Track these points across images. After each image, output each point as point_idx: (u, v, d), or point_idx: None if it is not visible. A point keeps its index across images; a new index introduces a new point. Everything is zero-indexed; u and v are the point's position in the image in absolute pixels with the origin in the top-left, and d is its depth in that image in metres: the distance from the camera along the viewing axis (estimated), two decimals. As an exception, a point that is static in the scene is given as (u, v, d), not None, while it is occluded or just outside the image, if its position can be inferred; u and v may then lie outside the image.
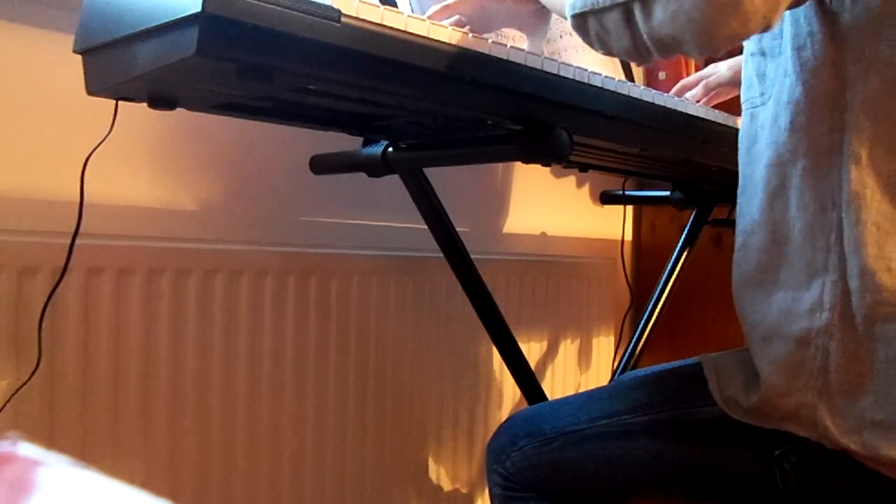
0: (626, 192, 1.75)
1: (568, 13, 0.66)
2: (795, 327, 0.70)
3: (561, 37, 1.15)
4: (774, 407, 0.72)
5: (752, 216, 0.75)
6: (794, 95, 0.69)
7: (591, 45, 0.67)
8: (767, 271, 0.73)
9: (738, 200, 0.79)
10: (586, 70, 0.87)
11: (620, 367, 1.54)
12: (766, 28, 0.59)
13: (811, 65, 0.68)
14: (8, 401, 0.92)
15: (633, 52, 0.64)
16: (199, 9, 0.58)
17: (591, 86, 0.87)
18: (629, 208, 1.91)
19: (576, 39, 1.05)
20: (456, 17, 0.93)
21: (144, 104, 0.82)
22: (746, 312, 0.77)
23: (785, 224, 0.71)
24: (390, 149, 1.04)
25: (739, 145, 0.80)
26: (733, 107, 1.18)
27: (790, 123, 0.70)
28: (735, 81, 1.17)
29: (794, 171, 0.70)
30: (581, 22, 0.65)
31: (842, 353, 0.67)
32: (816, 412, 0.69)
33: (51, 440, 0.96)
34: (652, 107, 0.95)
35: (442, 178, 1.18)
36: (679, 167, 1.28)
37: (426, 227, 1.12)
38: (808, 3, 0.67)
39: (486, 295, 1.11)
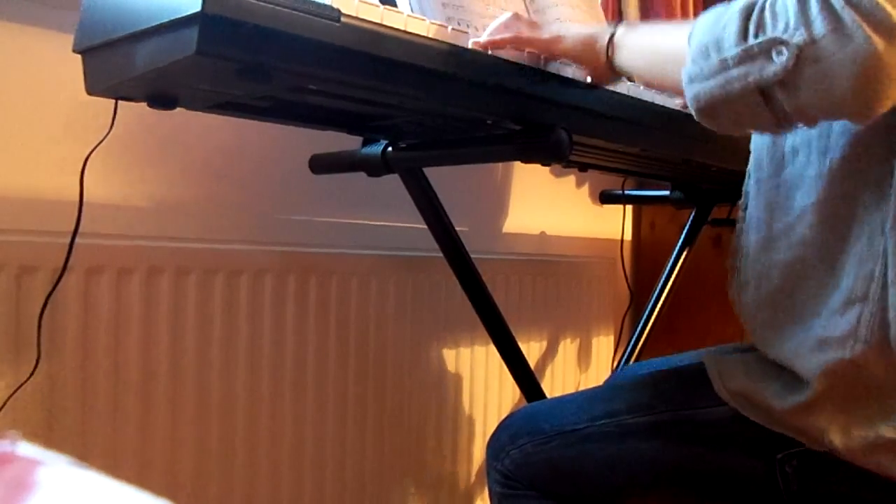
0: (626, 192, 1.75)
1: (692, 107, 0.64)
2: (828, 356, 0.68)
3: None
4: (788, 421, 0.72)
5: (788, 240, 0.72)
6: (847, 126, 0.67)
7: (719, 129, 0.65)
8: (804, 297, 0.71)
9: (758, 226, 0.76)
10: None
11: (620, 367, 1.53)
12: None
13: None
14: (7, 400, 0.92)
15: (775, 127, 0.63)
16: (198, 9, 0.58)
17: (591, 85, 0.87)
18: (629, 208, 1.91)
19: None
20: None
21: (144, 104, 0.82)
22: (770, 336, 0.75)
23: (832, 252, 0.69)
24: (390, 148, 1.04)
25: (755, 164, 0.78)
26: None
27: (843, 157, 0.67)
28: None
29: (852, 203, 0.67)
30: (710, 112, 0.63)
31: (870, 383, 0.67)
32: (827, 434, 0.69)
33: (50, 440, 0.96)
34: (652, 107, 0.95)
35: (442, 178, 1.18)
36: (679, 167, 1.27)
37: (426, 226, 1.11)
38: None
39: (485, 294, 1.11)
